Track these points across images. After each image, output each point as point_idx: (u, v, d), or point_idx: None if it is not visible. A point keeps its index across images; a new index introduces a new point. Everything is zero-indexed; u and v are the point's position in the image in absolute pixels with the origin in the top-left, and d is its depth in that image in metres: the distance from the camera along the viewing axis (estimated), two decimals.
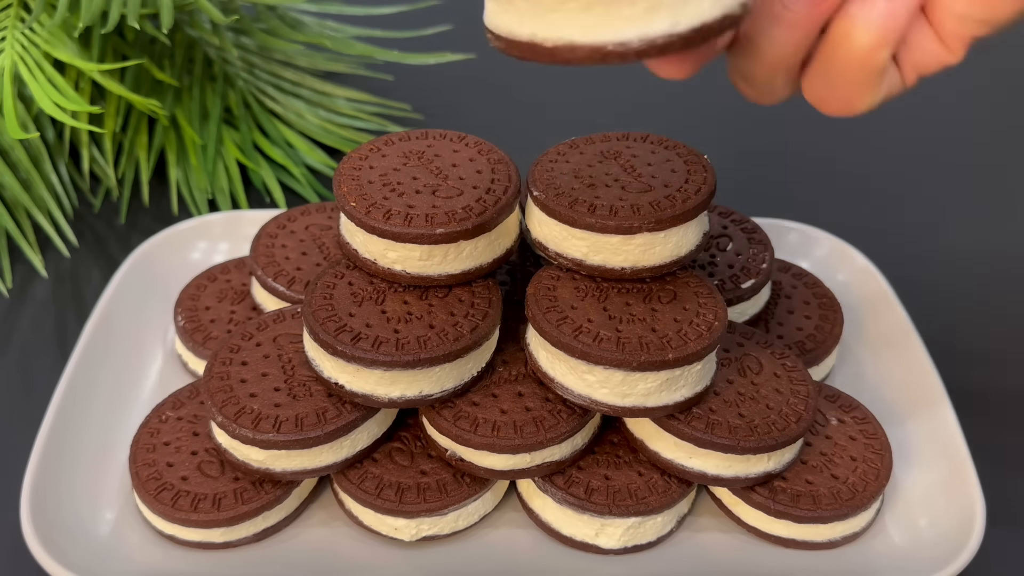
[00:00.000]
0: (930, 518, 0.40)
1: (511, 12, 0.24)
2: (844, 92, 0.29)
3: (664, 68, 0.30)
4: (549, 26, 0.23)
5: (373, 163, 0.40)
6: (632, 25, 0.23)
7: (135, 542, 0.38)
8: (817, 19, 0.28)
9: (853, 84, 0.29)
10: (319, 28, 0.66)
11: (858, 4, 0.28)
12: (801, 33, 0.28)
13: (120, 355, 0.45)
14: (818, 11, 0.28)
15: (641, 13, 0.23)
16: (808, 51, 0.29)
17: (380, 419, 0.39)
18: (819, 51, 0.29)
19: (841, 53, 0.28)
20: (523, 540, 0.39)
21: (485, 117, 0.66)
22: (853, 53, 0.28)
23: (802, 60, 0.30)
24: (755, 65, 0.30)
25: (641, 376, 0.36)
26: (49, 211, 0.55)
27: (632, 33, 0.23)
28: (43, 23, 0.55)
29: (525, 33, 0.24)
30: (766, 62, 0.29)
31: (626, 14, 0.23)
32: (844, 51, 0.28)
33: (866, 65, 0.28)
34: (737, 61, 0.30)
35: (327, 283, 0.39)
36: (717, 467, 0.38)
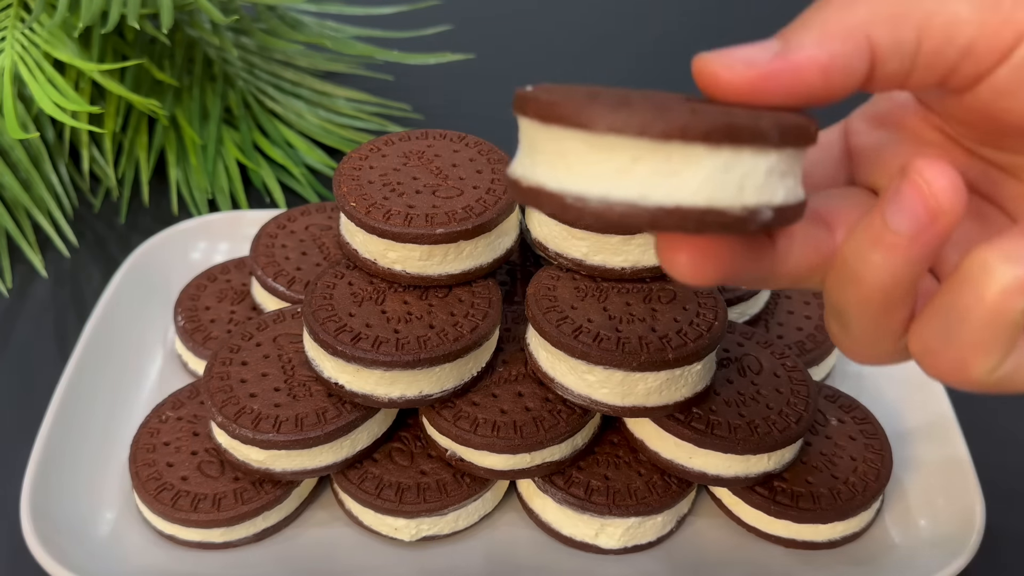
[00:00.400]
0: (930, 518, 0.40)
1: (519, 153, 0.22)
2: (960, 349, 0.22)
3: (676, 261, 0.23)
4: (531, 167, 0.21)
5: (373, 163, 0.40)
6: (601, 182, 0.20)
7: (135, 542, 0.38)
8: (927, 245, 0.21)
9: (974, 339, 0.22)
10: (319, 28, 0.66)
11: (1000, 236, 0.21)
12: (905, 261, 0.22)
13: (120, 355, 0.45)
14: (928, 236, 0.21)
15: (611, 172, 0.20)
16: (915, 286, 0.23)
17: (380, 419, 0.39)
18: (939, 290, 0.22)
19: (965, 296, 0.21)
20: (523, 540, 0.39)
21: (485, 117, 0.66)
22: (984, 298, 0.21)
23: (909, 301, 0.23)
24: (849, 299, 0.23)
25: (641, 376, 0.36)
26: (49, 211, 0.55)
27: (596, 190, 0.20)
28: (43, 23, 0.55)
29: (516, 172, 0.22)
30: (861, 296, 0.23)
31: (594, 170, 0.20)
32: (970, 293, 0.21)
33: (998, 316, 0.21)
34: (831, 293, 0.24)
35: (327, 283, 0.39)
36: (717, 467, 0.38)
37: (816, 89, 0.22)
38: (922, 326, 0.23)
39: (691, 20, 0.78)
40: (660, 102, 0.21)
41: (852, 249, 0.22)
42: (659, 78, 0.71)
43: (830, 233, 0.24)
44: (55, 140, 0.57)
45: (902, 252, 0.21)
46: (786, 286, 0.25)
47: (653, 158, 0.20)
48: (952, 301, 0.22)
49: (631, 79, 0.71)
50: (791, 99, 0.22)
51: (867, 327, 0.23)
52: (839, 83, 0.22)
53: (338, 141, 0.61)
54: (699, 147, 0.20)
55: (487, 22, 0.76)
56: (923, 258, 0.22)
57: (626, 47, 0.75)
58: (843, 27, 0.21)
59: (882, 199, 0.22)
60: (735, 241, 0.23)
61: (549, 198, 0.21)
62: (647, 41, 0.75)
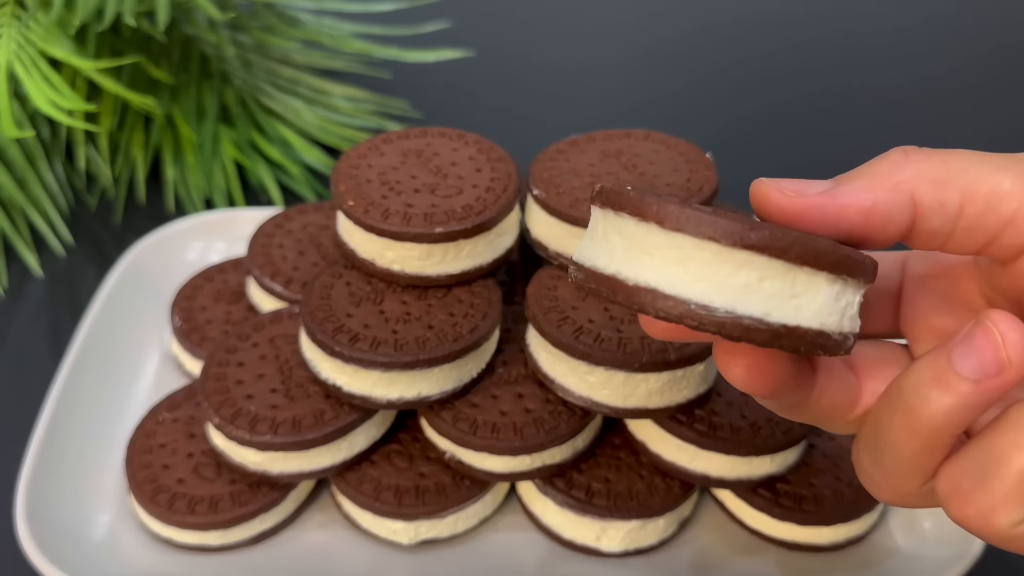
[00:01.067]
0: (934, 520, 0.39)
1: (602, 248, 0.23)
2: (991, 496, 0.22)
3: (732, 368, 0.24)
4: (636, 267, 0.22)
5: (371, 161, 0.40)
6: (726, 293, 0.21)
7: (131, 545, 0.38)
8: (988, 394, 0.21)
9: (1007, 489, 0.22)
10: (317, 25, 0.65)
11: None
12: (961, 405, 0.22)
13: (116, 356, 0.45)
14: (991, 384, 0.21)
15: (738, 286, 0.21)
16: (961, 431, 0.23)
17: (378, 421, 0.39)
18: (978, 435, 0.23)
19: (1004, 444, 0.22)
20: (523, 544, 0.39)
21: (485, 115, 0.66)
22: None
23: (950, 445, 0.23)
24: (895, 431, 0.23)
25: (643, 377, 0.36)
26: (44, 210, 0.54)
27: (721, 301, 0.21)
28: (39, 20, 0.55)
29: (610, 269, 0.22)
30: (909, 429, 0.23)
31: (720, 281, 0.21)
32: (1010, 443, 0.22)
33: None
34: (876, 423, 0.24)
35: (325, 283, 0.39)
36: (720, 469, 0.37)
37: (856, 228, 0.23)
38: (955, 467, 0.23)
39: (691, 19, 0.77)
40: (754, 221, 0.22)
41: (911, 382, 0.22)
42: (659, 75, 0.70)
43: (858, 381, 0.26)
44: (50, 138, 0.57)
45: (962, 396, 0.22)
46: (809, 421, 0.26)
47: (781, 280, 0.22)
48: (990, 447, 0.22)
49: (633, 77, 0.70)
50: (834, 231, 0.23)
51: (903, 463, 0.23)
52: (879, 227, 0.23)
53: (336, 139, 0.60)
54: (823, 276, 0.22)
55: (486, 19, 0.76)
56: (981, 405, 0.22)
57: (626, 44, 0.74)
58: (891, 180, 0.23)
59: (952, 339, 0.22)
60: (788, 366, 0.24)
61: (665, 300, 0.22)
62: (648, 38, 0.75)
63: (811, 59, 0.72)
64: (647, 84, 0.70)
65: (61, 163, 0.57)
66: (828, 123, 0.66)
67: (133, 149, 0.58)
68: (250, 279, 0.45)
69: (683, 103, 0.68)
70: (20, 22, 0.54)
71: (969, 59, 0.73)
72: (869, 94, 0.69)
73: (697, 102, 0.68)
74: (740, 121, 0.66)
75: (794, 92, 0.69)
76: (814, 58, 0.72)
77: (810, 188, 0.24)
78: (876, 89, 0.69)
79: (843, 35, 0.75)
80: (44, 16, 0.54)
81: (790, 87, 0.69)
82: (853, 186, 0.23)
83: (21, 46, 0.53)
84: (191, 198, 0.56)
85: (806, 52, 0.73)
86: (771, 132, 0.65)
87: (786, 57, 0.72)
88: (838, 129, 0.65)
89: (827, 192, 0.23)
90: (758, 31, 0.75)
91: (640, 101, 0.68)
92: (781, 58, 0.72)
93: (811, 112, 0.67)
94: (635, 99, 0.68)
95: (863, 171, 0.24)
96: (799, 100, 0.68)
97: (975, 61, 0.73)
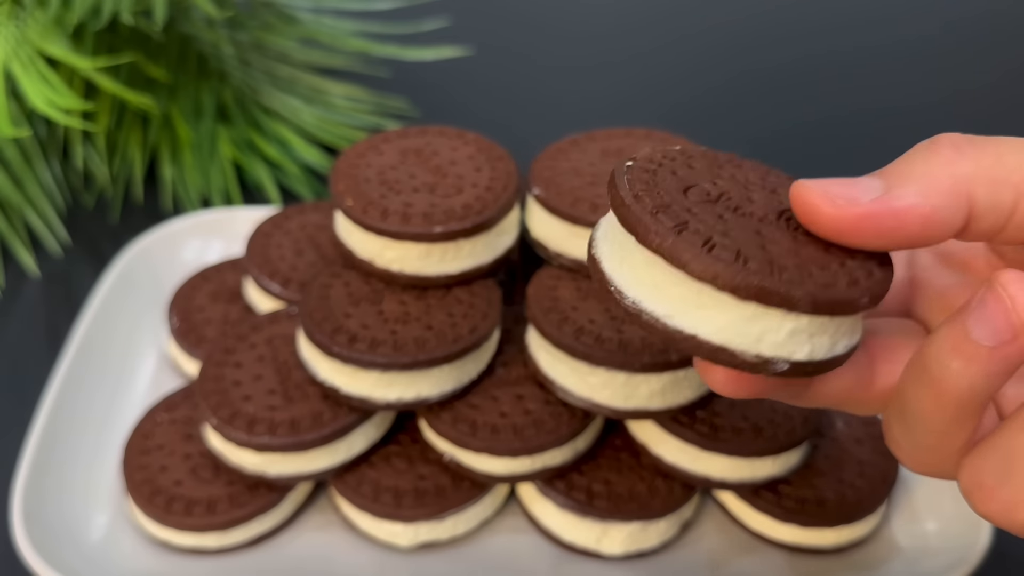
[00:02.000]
0: (937, 522, 0.39)
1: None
2: (1016, 491, 0.22)
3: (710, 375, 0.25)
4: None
5: (370, 160, 0.40)
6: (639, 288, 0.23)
7: (128, 547, 0.38)
8: (1007, 360, 0.21)
9: None
10: (315, 23, 0.65)
11: None
12: (983, 373, 0.21)
13: (112, 356, 0.44)
14: (1009, 350, 0.21)
15: (649, 284, 0.23)
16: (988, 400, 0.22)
17: (377, 422, 0.39)
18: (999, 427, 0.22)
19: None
20: (524, 546, 0.39)
21: (484, 113, 0.65)
22: None
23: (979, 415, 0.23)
24: (923, 403, 0.23)
25: (644, 378, 0.35)
26: (41, 209, 0.54)
27: (632, 293, 0.23)
28: (36, 18, 0.54)
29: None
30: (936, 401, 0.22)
31: (641, 276, 0.23)
32: None
33: None
34: (906, 395, 0.23)
35: (323, 283, 0.39)
36: (722, 471, 0.37)
37: (914, 237, 0.22)
38: (978, 460, 0.23)
39: (692, 18, 0.77)
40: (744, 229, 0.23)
41: (933, 353, 0.22)
42: (660, 74, 0.70)
43: (870, 365, 0.25)
44: (47, 137, 0.57)
45: (981, 363, 0.21)
46: (822, 407, 0.26)
47: (687, 289, 0.22)
48: (1012, 442, 0.22)
49: (634, 75, 0.70)
50: (888, 243, 0.22)
51: (932, 434, 0.23)
52: (936, 234, 0.22)
53: (334, 138, 0.60)
54: (727, 296, 0.22)
55: (486, 16, 0.76)
56: (1002, 372, 0.21)
57: (627, 43, 0.74)
58: (947, 181, 0.22)
59: (966, 306, 0.21)
60: None
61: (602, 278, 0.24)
62: (649, 36, 0.74)
63: (816, 60, 0.72)
64: (648, 83, 0.69)
65: (58, 162, 0.57)
66: (834, 125, 0.65)
67: (130, 148, 0.58)
68: (247, 279, 0.45)
69: (684, 102, 0.67)
70: (17, 20, 0.54)
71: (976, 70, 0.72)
72: (878, 102, 0.69)
73: (698, 101, 0.67)
74: (741, 121, 0.65)
75: (798, 94, 0.69)
76: (819, 59, 0.72)
77: (862, 194, 0.22)
78: (885, 102, 0.69)
79: (852, 39, 0.75)
80: (41, 14, 0.54)
81: (793, 88, 0.69)
82: (908, 190, 0.22)
83: (18, 44, 0.53)
84: (188, 197, 0.56)
85: (811, 53, 0.73)
86: (773, 132, 0.65)
87: (790, 58, 0.72)
88: (844, 131, 0.65)
89: (881, 200, 0.22)
90: (761, 31, 0.75)
91: (641, 100, 0.68)
92: (784, 59, 0.72)
93: (818, 115, 0.66)
94: (636, 98, 0.68)
95: (914, 171, 0.22)
96: (803, 100, 0.68)
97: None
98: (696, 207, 0.23)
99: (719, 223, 0.22)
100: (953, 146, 0.22)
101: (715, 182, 0.24)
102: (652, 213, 0.22)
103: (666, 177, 0.24)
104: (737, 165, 0.25)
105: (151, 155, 0.59)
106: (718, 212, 0.23)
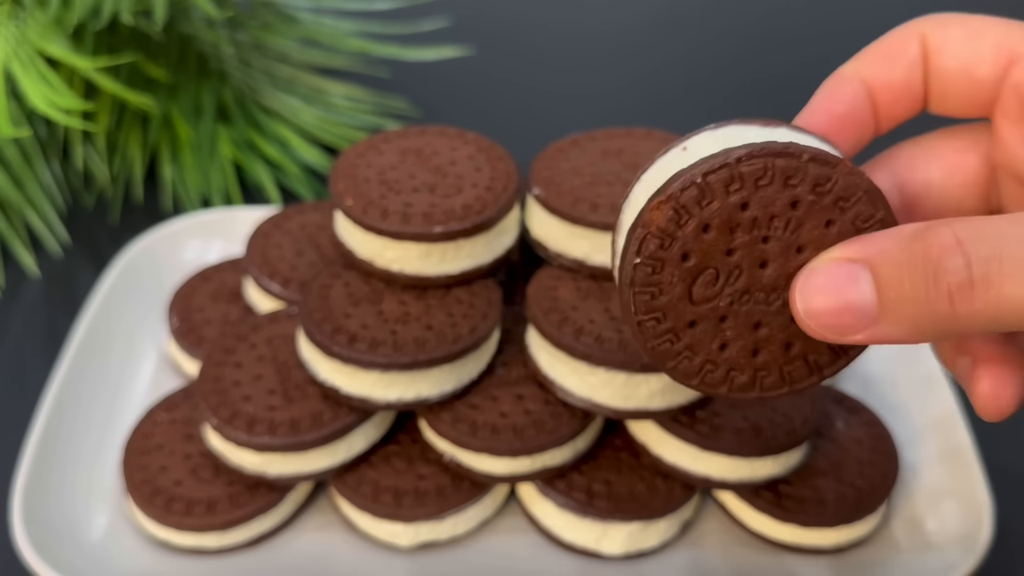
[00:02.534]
0: (938, 521, 0.39)
1: None
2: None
3: None
4: None
5: (370, 160, 0.40)
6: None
7: (128, 547, 0.38)
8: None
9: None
10: (315, 23, 0.65)
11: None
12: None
13: (112, 356, 0.44)
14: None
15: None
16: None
17: (377, 422, 0.39)
18: None
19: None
20: (524, 546, 0.39)
21: (484, 113, 0.65)
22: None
23: None
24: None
25: (644, 378, 0.35)
26: (41, 210, 0.54)
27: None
28: (36, 18, 0.54)
29: None
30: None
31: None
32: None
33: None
34: None
35: (323, 283, 0.39)
36: (722, 471, 0.37)
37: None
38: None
39: (693, 18, 0.77)
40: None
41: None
42: (660, 73, 0.70)
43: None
44: (47, 137, 0.57)
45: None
46: None
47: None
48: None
49: (634, 75, 0.70)
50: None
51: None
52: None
53: (334, 138, 0.60)
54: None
55: (486, 16, 0.75)
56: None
57: (628, 42, 0.74)
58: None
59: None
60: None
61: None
62: (650, 36, 0.74)
63: (819, 62, 0.72)
64: (648, 82, 0.69)
65: (58, 162, 0.57)
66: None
67: (130, 148, 0.58)
68: (247, 279, 0.45)
69: (684, 102, 0.67)
70: (17, 20, 0.54)
71: None
72: None
73: (698, 101, 0.67)
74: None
75: (801, 94, 0.68)
76: (822, 61, 0.72)
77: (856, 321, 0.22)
78: None
79: (858, 29, 0.75)
80: (41, 14, 0.54)
81: (796, 89, 0.69)
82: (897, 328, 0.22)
83: (18, 44, 0.53)
84: (188, 197, 0.56)
85: (813, 54, 0.73)
86: None
87: (797, 59, 0.72)
88: None
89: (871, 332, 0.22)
90: (764, 33, 0.75)
91: (641, 99, 0.68)
92: (789, 60, 0.72)
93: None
94: (636, 97, 0.68)
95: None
96: (805, 101, 0.68)
97: None
98: (700, 317, 0.23)
99: (718, 336, 0.23)
100: None
101: (730, 250, 0.23)
102: (651, 351, 0.24)
103: (672, 275, 0.23)
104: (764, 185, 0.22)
105: (151, 155, 0.59)
106: (721, 313, 0.23)
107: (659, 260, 0.23)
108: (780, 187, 0.22)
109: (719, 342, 0.23)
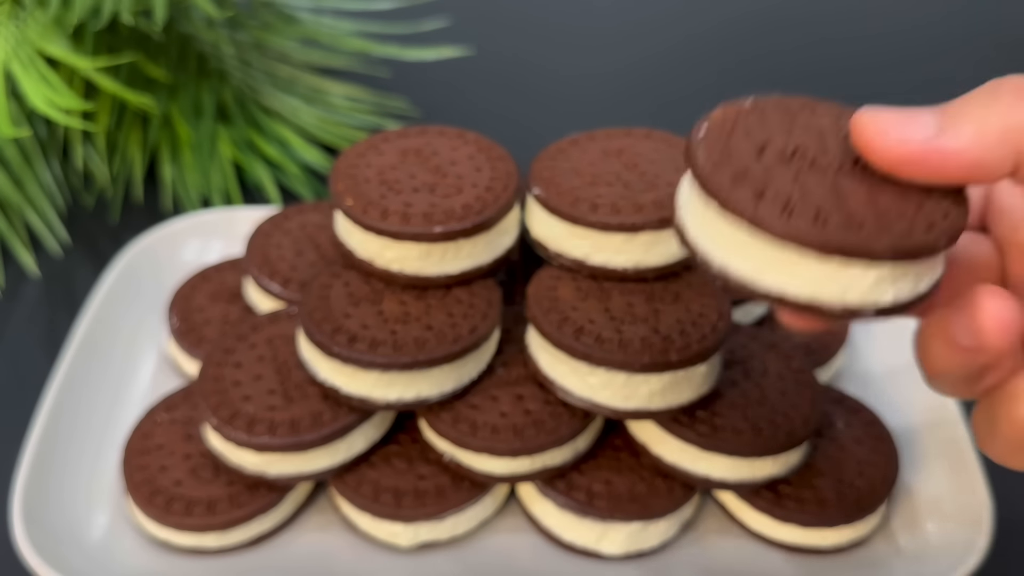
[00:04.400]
0: (938, 522, 0.39)
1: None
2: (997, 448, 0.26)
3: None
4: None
5: (370, 160, 0.40)
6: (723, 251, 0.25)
7: (128, 547, 0.38)
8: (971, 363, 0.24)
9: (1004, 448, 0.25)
10: (315, 23, 0.65)
11: None
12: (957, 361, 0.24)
13: (112, 356, 0.44)
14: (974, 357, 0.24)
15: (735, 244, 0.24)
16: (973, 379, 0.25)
17: (377, 422, 0.39)
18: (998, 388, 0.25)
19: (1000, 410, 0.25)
20: (523, 546, 0.39)
21: (484, 113, 0.65)
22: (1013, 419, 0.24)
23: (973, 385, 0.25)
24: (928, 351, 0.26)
25: (644, 378, 0.35)
26: (41, 209, 0.54)
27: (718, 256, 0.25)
28: (36, 18, 0.54)
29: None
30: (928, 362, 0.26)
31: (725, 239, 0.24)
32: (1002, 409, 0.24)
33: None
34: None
35: (323, 283, 0.39)
36: (722, 471, 0.37)
37: (961, 179, 0.24)
38: (978, 414, 0.26)
39: (694, 18, 0.77)
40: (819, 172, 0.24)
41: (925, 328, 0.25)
42: (661, 73, 0.70)
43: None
44: (47, 137, 0.57)
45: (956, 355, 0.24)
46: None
47: (772, 250, 0.23)
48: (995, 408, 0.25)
49: (634, 74, 0.70)
50: (938, 181, 0.24)
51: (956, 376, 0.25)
52: (982, 178, 0.24)
53: (334, 138, 0.60)
54: (811, 254, 0.23)
55: (486, 16, 0.75)
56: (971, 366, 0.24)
57: (628, 42, 0.74)
58: (998, 129, 0.23)
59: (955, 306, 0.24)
60: None
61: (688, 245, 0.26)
62: (650, 36, 0.74)
63: (820, 58, 0.72)
64: (648, 82, 0.69)
65: (58, 162, 0.57)
66: None
67: (130, 148, 0.58)
68: (247, 279, 0.45)
69: (684, 102, 0.67)
70: (17, 20, 0.54)
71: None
72: (882, 97, 0.69)
73: (699, 101, 0.67)
74: None
75: (803, 91, 0.68)
76: (823, 57, 0.72)
77: (916, 132, 0.23)
78: (889, 92, 0.69)
79: (851, 37, 0.75)
80: (41, 14, 0.54)
81: (798, 85, 0.69)
82: (962, 131, 0.23)
83: (18, 44, 0.53)
84: (188, 197, 0.56)
85: (812, 53, 0.73)
86: None
87: (792, 58, 0.72)
88: None
89: (932, 142, 0.23)
90: (762, 31, 0.75)
91: (641, 99, 0.68)
92: (787, 59, 0.72)
93: None
94: (636, 97, 0.68)
95: (971, 113, 0.23)
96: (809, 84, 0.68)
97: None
98: (773, 168, 0.24)
99: (796, 182, 0.23)
100: (1013, 93, 0.23)
101: (789, 136, 0.25)
102: (731, 182, 0.23)
103: (740, 140, 0.24)
104: (811, 110, 0.26)
105: (151, 155, 0.59)
106: (794, 170, 0.24)
107: (726, 130, 0.25)
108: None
109: (800, 187, 0.23)
